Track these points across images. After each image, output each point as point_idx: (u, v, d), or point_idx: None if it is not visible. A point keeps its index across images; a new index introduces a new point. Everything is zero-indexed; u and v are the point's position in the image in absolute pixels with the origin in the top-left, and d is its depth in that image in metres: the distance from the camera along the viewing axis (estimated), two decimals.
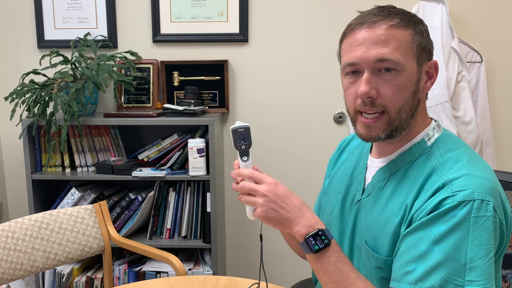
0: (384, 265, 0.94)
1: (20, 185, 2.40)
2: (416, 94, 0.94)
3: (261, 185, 0.97)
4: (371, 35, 0.92)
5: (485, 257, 0.82)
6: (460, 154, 0.92)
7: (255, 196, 0.96)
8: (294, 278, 2.15)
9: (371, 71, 0.92)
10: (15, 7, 2.28)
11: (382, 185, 0.99)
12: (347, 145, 1.21)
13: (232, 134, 1.03)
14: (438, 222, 0.84)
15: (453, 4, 2.12)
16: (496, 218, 0.85)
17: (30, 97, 2.00)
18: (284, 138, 2.31)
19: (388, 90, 0.91)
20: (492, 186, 0.86)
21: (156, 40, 2.26)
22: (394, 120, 0.93)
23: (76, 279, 2.16)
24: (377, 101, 0.92)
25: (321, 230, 0.92)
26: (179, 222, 2.13)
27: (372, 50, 0.91)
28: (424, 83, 0.96)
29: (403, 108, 0.92)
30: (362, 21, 0.93)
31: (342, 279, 0.91)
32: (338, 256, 0.92)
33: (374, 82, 0.92)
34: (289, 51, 2.25)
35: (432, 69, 0.98)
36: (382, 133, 0.94)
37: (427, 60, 0.96)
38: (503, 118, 2.23)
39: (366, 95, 0.92)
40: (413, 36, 0.93)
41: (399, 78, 0.91)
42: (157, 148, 2.15)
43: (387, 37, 0.91)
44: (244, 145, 1.04)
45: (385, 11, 0.94)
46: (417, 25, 0.95)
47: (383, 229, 0.95)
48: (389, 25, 0.91)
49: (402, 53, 0.91)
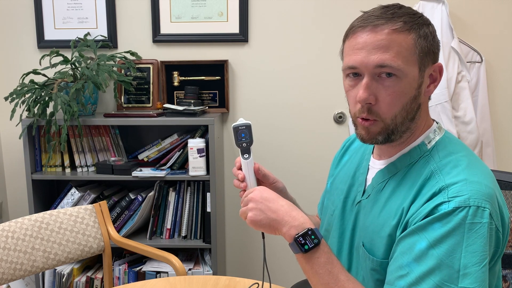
0: (380, 267, 0.94)
1: (20, 185, 2.40)
2: (417, 99, 0.93)
3: (249, 192, 1.01)
4: (373, 39, 0.90)
5: (479, 264, 0.81)
6: (460, 158, 0.91)
7: (247, 205, 1.00)
8: (294, 278, 2.15)
9: (371, 76, 0.91)
10: (15, 7, 2.28)
11: (381, 187, 0.98)
12: (351, 145, 1.20)
13: (233, 132, 1.05)
14: (433, 227, 0.84)
15: (453, 4, 2.12)
16: (493, 224, 0.84)
17: (30, 97, 2.00)
18: (284, 138, 2.31)
19: (386, 96, 0.90)
20: (489, 192, 0.86)
21: (156, 40, 2.26)
22: (389, 125, 0.92)
23: (76, 279, 2.16)
24: (373, 108, 0.92)
25: (310, 229, 0.92)
26: (179, 222, 2.13)
27: (373, 55, 0.89)
28: (427, 86, 0.95)
29: (400, 113, 0.92)
30: (364, 24, 0.91)
31: (331, 282, 0.90)
32: (328, 257, 0.92)
33: (373, 88, 0.91)
34: (289, 51, 2.25)
35: (436, 72, 0.95)
36: (378, 136, 0.94)
37: (431, 63, 0.94)
38: (503, 118, 2.23)
39: (364, 101, 0.91)
40: (416, 41, 0.90)
41: (399, 84, 0.90)
42: (157, 148, 2.15)
43: (389, 42, 0.89)
44: (245, 142, 1.05)
45: (389, 13, 0.91)
46: (422, 28, 0.91)
47: (380, 231, 0.94)
48: (391, 30, 0.89)
49: (403, 59, 0.89)
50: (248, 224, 0.99)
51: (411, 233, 0.86)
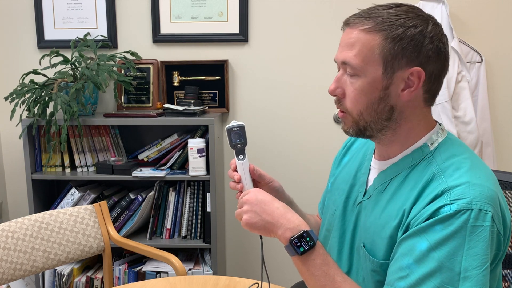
0: (380, 268, 0.94)
1: (20, 185, 2.40)
2: (384, 100, 0.92)
3: (246, 195, 1.02)
4: (345, 36, 0.95)
5: (480, 267, 0.81)
6: (462, 160, 0.91)
7: (242, 208, 1.00)
8: (294, 278, 2.15)
9: (343, 71, 0.96)
10: (15, 7, 2.28)
11: (383, 188, 0.98)
12: (352, 145, 1.20)
13: (227, 134, 1.06)
14: (434, 229, 0.84)
15: (453, 4, 2.12)
16: (494, 227, 0.84)
17: (30, 97, 2.00)
18: (284, 138, 2.31)
19: (350, 92, 0.94)
20: (492, 195, 0.85)
21: (156, 40, 2.26)
22: (358, 121, 0.95)
23: (76, 279, 2.16)
24: (342, 101, 0.97)
25: (305, 232, 0.92)
26: (179, 222, 2.13)
27: (341, 52, 0.94)
28: (401, 90, 0.92)
29: (366, 111, 0.94)
30: (347, 21, 0.96)
31: (328, 283, 0.91)
32: (324, 259, 0.92)
33: (342, 82, 0.96)
34: (289, 51, 2.25)
35: (414, 77, 0.91)
36: (349, 129, 0.98)
37: (404, 67, 0.90)
38: (503, 118, 2.23)
39: (331, 93, 0.97)
40: (381, 42, 0.89)
41: (359, 82, 0.92)
42: (157, 148, 2.15)
43: (355, 41, 0.92)
44: (240, 144, 1.06)
45: (371, 12, 0.93)
46: (396, 30, 0.89)
47: (381, 232, 0.94)
48: (360, 29, 0.92)
49: (363, 58, 0.91)
50: (243, 226, 0.99)
51: (412, 234, 0.86)
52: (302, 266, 0.93)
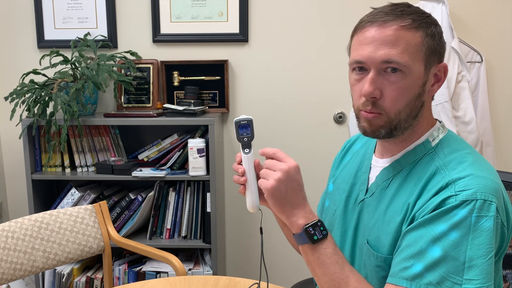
0: (384, 263, 0.94)
1: (20, 185, 2.40)
2: (421, 97, 0.94)
3: (283, 163, 0.95)
4: (381, 34, 0.91)
5: (484, 256, 0.82)
6: (465, 155, 0.92)
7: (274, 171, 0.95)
8: (294, 278, 2.15)
9: (377, 71, 0.92)
10: (15, 7, 2.28)
11: (386, 185, 0.99)
12: (351, 147, 1.21)
13: (235, 126, 1.04)
14: (439, 220, 0.85)
15: (453, 4, 2.12)
16: (498, 219, 0.85)
17: (30, 97, 2.00)
18: (284, 138, 2.31)
19: (391, 91, 0.91)
20: (496, 187, 0.87)
21: (156, 40, 2.26)
22: (393, 120, 0.93)
23: (76, 279, 2.16)
24: (378, 102, 0.93)
25: (320, 221, 0.94)
26: (179, 222, 2.13)
27: (380, 51, 0.90)
28: (431, 85, 0.96)
29: (404, 110, 0.93)
30: (373, 19, 0.93)
31: (337, 271, 0.91)
32: (334, 248, 0.94)
33: (378, 83, 0.92)
34: (289, 51, 2.25)
35: (441, 72, 0.96)
36: (381, 129, 0.94)
37: (436, 62, 0.95)
38: (503, 118, 2.23)
39: (369, 95, 0.92)
40: (423, 39, 0.92)
41: (404, 80, 0.91)
42: (157, 148, 2.15)
43: (396, 38, 0.90)
44: (246, 137, 1.04)
45: (398, 10, 0.93)
46: (430, 27, 0.93)
47: (386, 228, 0.95)
48: (400, 26, 0.90)
49: (410, 56, 0.90)
50: (263, 187, 0.95)
51: (417, 226, 0.87)
52: (312, 255, 0.94)
